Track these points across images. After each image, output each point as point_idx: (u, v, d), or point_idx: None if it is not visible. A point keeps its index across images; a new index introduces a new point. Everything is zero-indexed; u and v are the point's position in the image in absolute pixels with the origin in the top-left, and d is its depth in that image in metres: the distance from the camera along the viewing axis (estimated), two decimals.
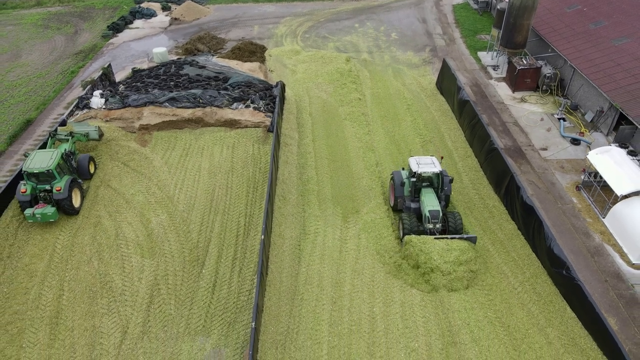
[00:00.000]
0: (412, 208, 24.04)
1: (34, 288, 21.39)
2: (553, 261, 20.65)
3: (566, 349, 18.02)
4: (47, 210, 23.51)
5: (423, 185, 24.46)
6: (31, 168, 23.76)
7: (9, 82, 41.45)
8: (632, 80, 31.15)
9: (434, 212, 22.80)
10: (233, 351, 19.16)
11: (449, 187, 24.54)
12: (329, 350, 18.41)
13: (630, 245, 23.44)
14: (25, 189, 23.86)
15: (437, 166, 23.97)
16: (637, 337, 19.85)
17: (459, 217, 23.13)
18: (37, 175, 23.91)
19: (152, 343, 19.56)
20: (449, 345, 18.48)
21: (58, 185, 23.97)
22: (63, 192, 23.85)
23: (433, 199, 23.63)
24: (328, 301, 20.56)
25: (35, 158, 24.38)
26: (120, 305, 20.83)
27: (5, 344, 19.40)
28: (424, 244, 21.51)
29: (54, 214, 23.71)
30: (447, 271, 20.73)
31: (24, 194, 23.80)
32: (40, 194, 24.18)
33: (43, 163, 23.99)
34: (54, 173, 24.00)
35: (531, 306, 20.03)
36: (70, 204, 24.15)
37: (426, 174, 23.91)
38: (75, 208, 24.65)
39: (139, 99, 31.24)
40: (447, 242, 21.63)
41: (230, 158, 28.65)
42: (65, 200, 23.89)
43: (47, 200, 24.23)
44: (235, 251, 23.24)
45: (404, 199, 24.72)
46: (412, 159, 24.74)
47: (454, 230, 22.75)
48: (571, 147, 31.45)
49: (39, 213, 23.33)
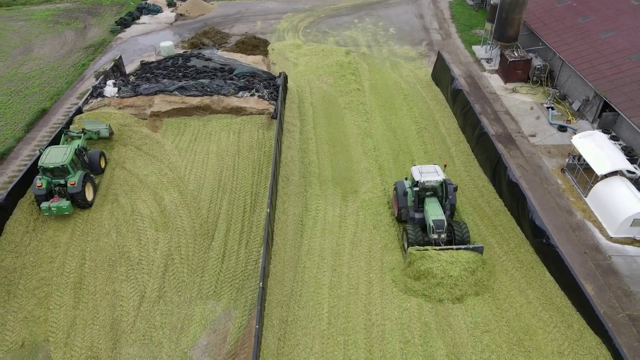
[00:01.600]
0: (416, 218, 23.41)
1: (58, 257, 23.24)
2: (535, 232, 22.52)
3: (544, 307, 19.87)
4: (62, 204, 24.47)
5: (427, 195, 23.79)
6: (46, 163, 24.73)
7: (22, 74, 43.28)
8: (615, 70, 32.98)
9: (439, 222, 22.09)
10: (242, 313, 20.98)
11: (454, 196, 23.87)
12: (329, 310, 20.26)
13: (609, 220, 25.28)
14: (41, 183, 24.78)
15: (440, 175, 23.38)
16: (612, 301, 21.69)
17: (465, 227, 22.56)
18: (52, 171, 24.83)
19: (167, 306, 21.41)
20: (438, 304, 20.30)
21: (72, 180, 24.93)
22: (77, 186, 24.80)
23: (437, 208, 22.95)
24: (328, 268, 22.41)
25: (50, 154, 25.30)
26: (138, 273, 22.67)
27: (33, 306, 21.25)
28: (428, 257, 20.96)
29: (69, 207, 24.67)
30: (450, 286, 20.36)
31: (39, 188, 24.70)
32: (55, 188, 25.11)
33: (57, 158, 24.95)
34: (68, 168, 24.98)
35: (514, 272, 21.89)
36: (83, 197, 25.17)
37: (429, 183, 23.22)
38: (88, 201, 25.64)
39: (150, 88, 33.12)
40: (452, 253, 21.08)
41: (237, 142, 30.51)
42: (79, 194, 24.82)
43: (62, 194, 25.16)
44: (242, 226, 25.08)
45: (408, 209, 24.05)
46: (414, 168, 24.06)
47: (461, 241, 22.18)
48: (558, 134, 33.29)
49: (55, 206, 24.36)
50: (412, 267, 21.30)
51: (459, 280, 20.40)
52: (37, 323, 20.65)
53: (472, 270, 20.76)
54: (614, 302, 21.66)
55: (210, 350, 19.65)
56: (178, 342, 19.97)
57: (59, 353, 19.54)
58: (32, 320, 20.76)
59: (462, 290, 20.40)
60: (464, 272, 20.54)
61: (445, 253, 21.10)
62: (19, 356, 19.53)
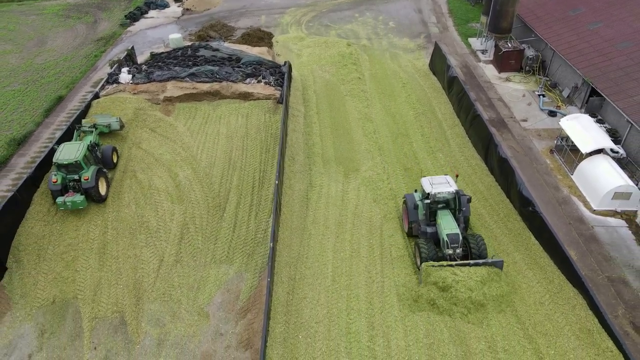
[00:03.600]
0: (428, 233, 22.05)
1: (83, 226, 25.17)
2: (522, 202, 24.46)
3: (528, 266, 21.82)
4: (77, 199, 25.08)
5: (438, 207, 22.43)
6: (61, 160, 25.46)
7: (37, 64, 45.23)
8: (602, 58, 34.90)
9: (453, 236, 20.76)
10: (252, 275, 22.90)
11: (468, 208, 22.75)
12: (333, 269, 22.19)
13: (592, 194, 27.22)
14: (56, 179, 25.40)
15: (452, 185, 22.15)
16: (593, 265, 23.61)
17: (482, 240, 21.27)
18: (67, 166, 25.58)
19: (184, 269, 23.34)
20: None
21: (86, 175, 25.58)
22: (90, 181, 25.39)
23: (451, 221, 21.57)
24: (332, 235, 24.34)
25: (63, 150, 26.02)
26: (156, 240, 24.60)
27: (62, 269, 23.18)
28: (443, 279, 19.84)
29: (83, 202, 25.24)
30: (469, 308, 19.50)
31: (55, 183, 25.30)
32: (69, 184, 25.79)
33: (71, 155, 25.66)
34: (81, 164, 25.67)
35: (502, 238, 23.81)
36: (97, 191, 25.73)
37: (441, 195, 21.99)
38: (102, 195, 26.21)
39: (162, 75, 35.07)
40: (469, 271, 19.91)
41: (245, 125, 32.45)
42: (92, 188, 25.40)
43: (76, 189, 25.75)
44: (251, 199, 27.00)
45: (419, 223, 22.79)
46: (424, 179, 22.94)
47: (478, 255, 20.96)
48: (548, 119, 35.22)
49: (69, 201, 24.98)
50: (427, 285, 20.13)
51: (477, 300, 19.44)
52: (66, 283, 22.58)
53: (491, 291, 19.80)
54: (595, 266, 23.59)
55: (224, 307, 21.57)
56: (195, 300, 21.89)
57: (87, 308, 21.47)
58: (61, 280, 22.69)
59: (482, 309, 19.52)
60: (485, 289, 19.63)
61: (462, 272, 19.75)
62: (51, 311, 21.46)
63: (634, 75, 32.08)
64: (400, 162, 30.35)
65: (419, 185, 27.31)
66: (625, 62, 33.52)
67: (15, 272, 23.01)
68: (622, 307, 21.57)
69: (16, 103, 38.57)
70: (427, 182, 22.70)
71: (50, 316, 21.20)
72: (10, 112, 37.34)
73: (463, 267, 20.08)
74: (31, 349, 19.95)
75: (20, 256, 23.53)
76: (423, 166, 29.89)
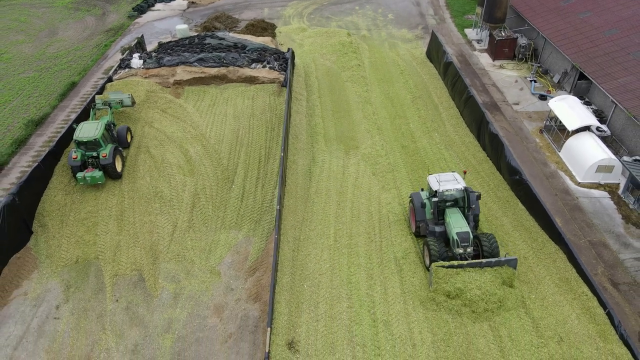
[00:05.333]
0: (437, 232, 21.39)
1: (101, 195, 26.98)
2: (510, 171, 26.30)
3: (515, 228, 23.65)
4: (96, 174, 26.61)
5: (447, 206, 21.91)
6: (80, 137, 26.88)
7: (50, 53, 47.06)
8: (590, 45, 36.72)
9: (463, 235, 20.14)
10: (260, 239, 24.70)
11: (477, 206, 21.95)
12: (335, 231, 24.01)
13: (577, 168, 29.04)
14: (76, 155, 26.83)
15: (460, 182, 21.59)
16: (576, 230, 25.43)
17: (494, 239, 20.64)
18: (86, 144, 27.02)
19: (196, 233, 25.15)
20: None
21: (104, 152, 27.05)
22: (108, 158, 26.89)
23: (460, 219, 20.98)
24: (334, 203, 26.16)
25: (83, 129, 27.50)
26: (170, 208, 26.40)
27: (83, 233, 24.99)
28: (455, 276, 19.42)
29: (101, 177, 26.89)
30: (484, 308, 19.09)
31: (74, 160, 26.73)
32: (88, 160, 27.24)
33: (90, 133, 27.11)
34: (100, 141, 27.15)
35: (492, 205, 25.62)
36: (114, 168, 27.22)
37: (449, 192, 21.51)
38: (118, 172, 27.70)
39: (172, 60, 36.90)
40: (483, 273, 19.43)
41: (251, 106, 34.27)
42: (110, 164, 26.93)
43: (95, 166, 27.24)
44: (258, 172, 28.82)
45: (427, 222, 22.13)
46: (431, 177, 22.33)
47: (490, 254, 20.24)
48: (539, 102, 37.04)
49: (89, 176, 26.49)
50: (438, 287, 19.68)
51: (489, 300, 19.15)
52: (87, 245, 24.40)
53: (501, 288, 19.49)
54: (578, 231, 25.41)
55: (234, 266, 23.39)
56: (207, 260, 23.72)
57: (108, 267, 23.28)
58: (83, 243, 24.51)
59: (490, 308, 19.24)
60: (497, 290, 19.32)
61: (476, 273, 19.36)
62: (75, 269, 23.28)
63: (618, 59, 33.89)
64: (398, 140, 32.16)
65: (418, 166, 29.27)
66: (611, 47, 35.34)
67: (40, 235, 24.84)
68: (601, 266, 23.39)
69: (31, 88, 40.39)
70: (434, 179, 22.05)
71: (75, 273, 23.02)
72: (27, 96, 39.16)
73: (474, 274, 19.29)
74: (58, 301, 21.77)
75: (44, 221, 25.36)
76: (419, 144, 31.69)
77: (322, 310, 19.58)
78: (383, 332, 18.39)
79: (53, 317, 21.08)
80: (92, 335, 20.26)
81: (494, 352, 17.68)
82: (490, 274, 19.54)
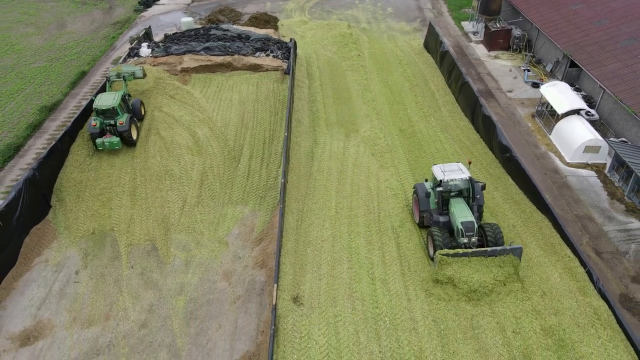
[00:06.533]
0: (441, 222, 21.48)
1: (115, 173, 28.50)
2: (502, 149, 27.83)
3: (504, 200, 25.19)
4: (113, 140, 28.84)
5: (451, 196, 22.03)
6: (100, 105, 29.15)
7: (60, 45, 48.58)
8: (581, 34, 38.23)
9: (468, 224, 20.26)
10: (265, 213, 26.20)
11: (482, 196, 22.06)
12: (336, 204, 25.53)
13: (566, 149, 30.56)
14: (95, 123, 28.95)
15: (465, 172, 21.77)
16: (564, 206, 26.92)
17: (498, 228, 20.77)
18: (104, 112, 29.17)
19: (205, 208, 26.66)
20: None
21: (121, 120, 29.16)
22: (125, 125, 29.01)
23: (465, 209, 21.12)
24: (335, 180, 27.66)
25: (102, 98, 29.74)
26: (180, 185, 27.91)
27: (99, 207, 26.49)
28: (460, 264, 19.55)
29: (119, 143, 29.09)
30: (486, 292, 19.36)
31: (94, 127, 28.93)
32: (106, 127, 29.29)
33: (108, 102, 29.34)
34: (117, 110, 29.31)
35: (484, 181, 27.08)
36: (130, 135, 29.31)
37: (454, 182, 21.59)
38: (133, 139, 29.84)
39: (179, 49, 38.44)
40: (487, 262, 19.59)
41: (256, 92, 35.80)
42: (126, 131, 29.02)
43: (113, 133, 29.27)
44: (262, 153, 30.33)
45: (431, 213, 22.19)
46: (435, 167, 22.50)
47: (494, 244, 20.38)
48: (532, 90, 38.55)
49: (107, 141, 28.77)
50: (441, 274, 19.74)
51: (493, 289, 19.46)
52: (103, 218, 25.91)
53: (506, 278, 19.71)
54: (566, 206, 26.92)
55: (241, 237, 24.90)
56: (216, 232, 25.22)
57: (123, 237, 24.79)
58: (99, 216, 26.02)
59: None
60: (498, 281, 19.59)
61: (480, 262, 19.52)
62: (92, 239, 24.79)
63: (607, 48, 35.39)
64: (396, 124, 33.67)
65: (415, 147, 30.75)
66: (600, 37, 36.84)
67: (58, 209, 26.36)
68: (586, 237, 24.91)
69: (43, 77, 41.91)
70: (439, 169, 22.16)
71: (92, 243, 24.53)
72: (39, 84, 40.68)
73: (479, 265, 19.49)
74: (77, 267, 23.28)
75: (62, 196, 26.87)
76: (416, 128, 33.20)
77: (324, 270, 21.11)
78: (381, 288, 19.91)
79: (73, 281, 22.59)
80: (110, 297, 21.76)
81: (481, 303, 19.20)
82: (494, 265, 19.55)
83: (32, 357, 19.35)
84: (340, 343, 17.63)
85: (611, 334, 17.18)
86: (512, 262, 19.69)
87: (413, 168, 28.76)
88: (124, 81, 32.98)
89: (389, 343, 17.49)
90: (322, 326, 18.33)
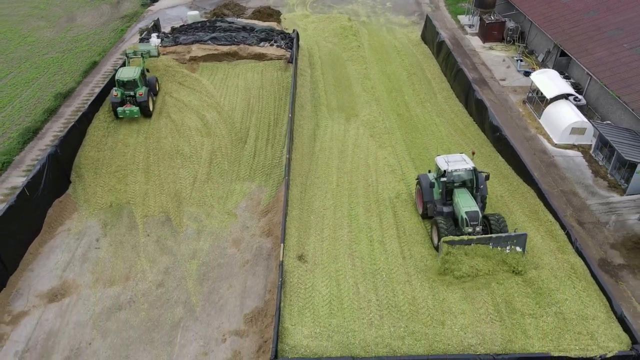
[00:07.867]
0: (445, 213, 21.74)
1: (129, 152, 30.35)
2: (492, 129, 29.68)
3: (495, 176, 26.94)
4: (133, 109, 31.97)
5: (455, 186, 22.21)
6: (122, 77, 32.14)
7: (70, 37, 50.47)
8: (570, 25, 40.10)
9: (472, 214, 20.44)
10: (270, 189, 28.03)
11: (485, 187, 22.20)
12: (337, 179, 27.38)
13: (554, 131, 32.41)
14: (117, 93, 32.07)
15: (469, 163, 21.93)
16: (550, 182, 28.76)
17: (502, 219, 21.00)
18: (125, 84, 32.32)
19: (214, 184, 28.49)
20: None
21: (140, 91, 32.29)
22: (144, 96, 32.15)
23: (469, 199, 21.28)
24: (336, 158, 29.50)
25: (123, 71, 32.80)
26: (190, 164, 29.74)
27: (115, 183, 28.33)
28: (466, 254, 19.89)
29: (138, 112, 32.19)
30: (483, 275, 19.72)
31: (115, 97, 32.03)
32: (126, 98, 32.44)
33: (129, 74, 32.33)
34: (137, 82, 32.26)
35: (475, 159, 28.87)
36: (147, 106, 32.41)
37: (458, 173, 21.81)
38: (150, 110, 32.97)
39: (187, 39, 40.36)
40: (493, 252, 19.95)
41: (260, 79, 37.67)
42: (144, 102, 32.19)
43: (132, 103, 32.52)
44: (268, 135, 32.18)
45: (435, 203, 22.31)
46: (439, 157, 22.70)
47: (498, 232, 20.57)
48: (524, 78, 40.40)
49: (128, 110, 31.94)
50: (447, 266, 20.04)
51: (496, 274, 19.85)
52: (119, 193, 27.75)
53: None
54: (552, 183, 28.77)
55: (248, 209, 26.74)
56: (225, 205, 27.05)
57: (138, 209, 26.63)
58: (115, 191, 27.86)
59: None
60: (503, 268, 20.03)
61: (486, 249, 19.89)
62: (110, 211, 26.63)
63: (595, 37, 37.25)
64: (394, 109, 35.52)
65: (411, 130, 32.57)
66: (589, 27, 38.70)
67: (78, 184, 28.21)
68: (570, 209, 26.76)
69: (56, 67, 43.78)
70: (443, 160, 22.32)
71: (110, 214, 26.38)
72: (52, 74, 42.55)
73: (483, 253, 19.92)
74: (97, 235, 25.13)
75: (81, 173, 28.72)
76: (413, 112, 35.04)
77: (327, 234, 22.94)
78: (378, 249, 21.74)
79: (94, 247, 24.43)
80: (128, 261, 23.60)
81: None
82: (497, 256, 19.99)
83: (59, 312, 21.19)
84: (342, 293, 19.47)
85: (585, 285, 19.00)
86: (515, 257, 19.95)
87: (409, 148, 30.58)
88: (142, 58, 35.41)
89: (386, 293, 19.33)
90: (325, 279, 20.17)
